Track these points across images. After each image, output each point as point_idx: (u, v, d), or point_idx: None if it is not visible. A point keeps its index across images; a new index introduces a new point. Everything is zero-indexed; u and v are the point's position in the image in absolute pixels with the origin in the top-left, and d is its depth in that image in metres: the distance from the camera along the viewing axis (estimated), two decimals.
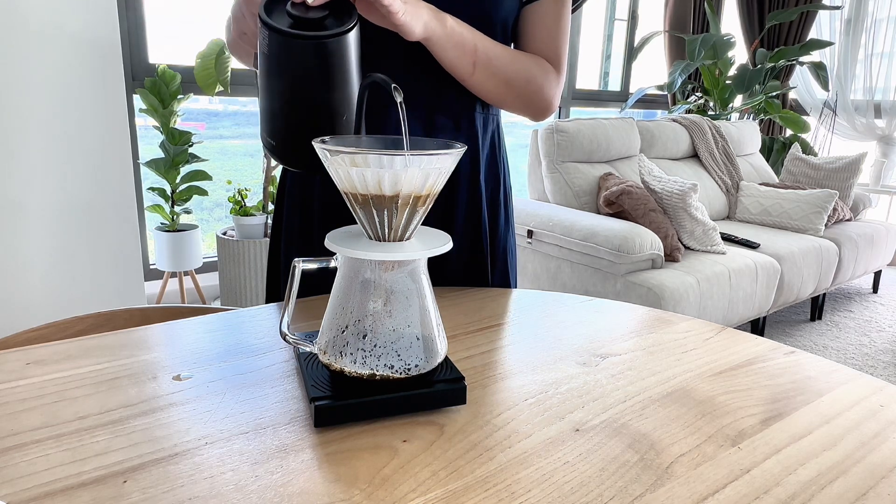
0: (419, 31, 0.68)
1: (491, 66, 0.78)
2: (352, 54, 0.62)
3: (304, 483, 0.43)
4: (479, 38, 0.76)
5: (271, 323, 0.70)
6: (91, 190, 1.72)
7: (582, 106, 3.99)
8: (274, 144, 0.66)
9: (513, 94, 0.82)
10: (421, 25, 0.68)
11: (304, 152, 0.66)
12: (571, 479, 0.45)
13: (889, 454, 0.50)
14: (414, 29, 0.67)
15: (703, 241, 2.53)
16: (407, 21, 0.66)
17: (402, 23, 0.65)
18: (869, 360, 2.65)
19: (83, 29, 1.62)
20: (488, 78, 0.79)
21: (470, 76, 0.78)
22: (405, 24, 0.66)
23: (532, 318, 0.76)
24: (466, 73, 0.78)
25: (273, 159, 0.69)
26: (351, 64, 0.62)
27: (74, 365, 0.58)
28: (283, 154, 0.66)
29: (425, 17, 0.69)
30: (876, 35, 4.39)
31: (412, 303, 0.51)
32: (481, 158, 0.89)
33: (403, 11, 0.64)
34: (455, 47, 0.74)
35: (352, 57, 0.62)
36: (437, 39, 0.72)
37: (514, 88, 0.81)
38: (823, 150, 4.62)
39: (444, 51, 0.74)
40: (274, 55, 0.60)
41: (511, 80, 0.80)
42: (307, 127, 0.63)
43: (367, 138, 0.57)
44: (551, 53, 0.84)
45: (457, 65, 0.76)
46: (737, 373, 0.64)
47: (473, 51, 0.76)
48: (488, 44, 0.77)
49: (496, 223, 0.93)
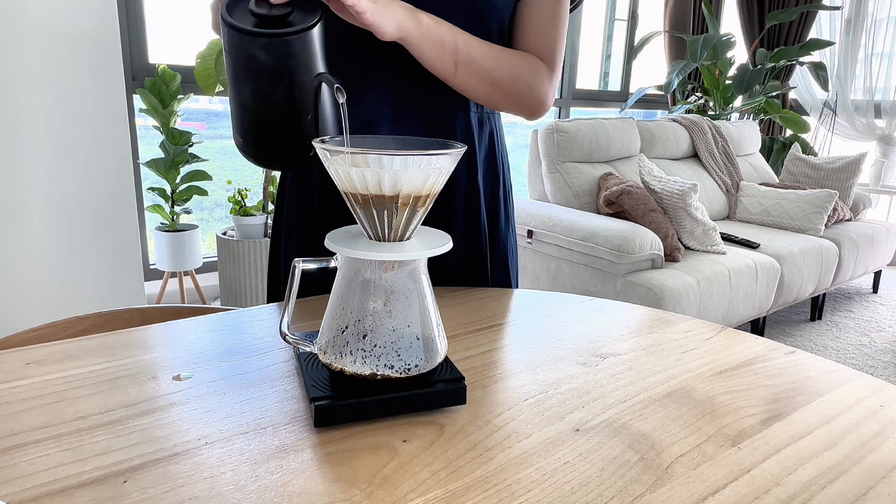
0: (391, 30, 0.67)
1: (474, 65, 0.76)
2: (316, 50, 0.61)
3: (304, 483, 0.43)
4: (460, 37, 0.75)
5: (271, 323, 0.70)
6: (91, 190, 1.72)
7: (582, 106, 3.99)
8: (244, 143, 0.66)
9: (500, 93, 0.80)
10: (393, 25, 0.67)
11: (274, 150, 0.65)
12: (571, 479, 0.45)
13: (889, 454, 0.50)
14: (385, 28, 0.66)
15: (703, 241, 2.53)
16: (377, 21, 0.65)
17: (372, 22, 0.65)
18: (869, 360, 2.65)
19: (83, 29, 1.62)
20: (472, 77, 0.77)
21: (452, 75, 0.77)
22: (375, 23, 0.65)
23: (532, 318, 0.76)
24: (448, 73, 0.76)
25: (246, 159, 0.68)
26: (316, 60, 0.61)
27: (74, 365, 0.58)
28: (254, 153, 0.66)
29: (398, 17, 0.68)
30: (876, 35, 4.39)
31: (412, 303, 0.51)
32: (478, 158, 0.89)
33: (372, 11, 0.64)
34: (434, 46, 0.73)
35: (317, 52, 0.61)
36: (412, 39, 0.71)
37: (500, 87, 0.80)
38: (823, 150, 4.62)
39: (421, 50, 0.73)
40: (237, 54, 0.60)
41: (497, 78, 0.79)
42: (275, 125, 0.63)
43: (368, 138, 0.57)
44: (545, 50, 0.83)
45: (437, 64, 0.75)
46: (737, 373, 0.64)
47: (454, 49, 0.74)
48: (471, 42, 0.76)
49: (496, 223, 0.93)
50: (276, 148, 0.65)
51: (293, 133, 0.63)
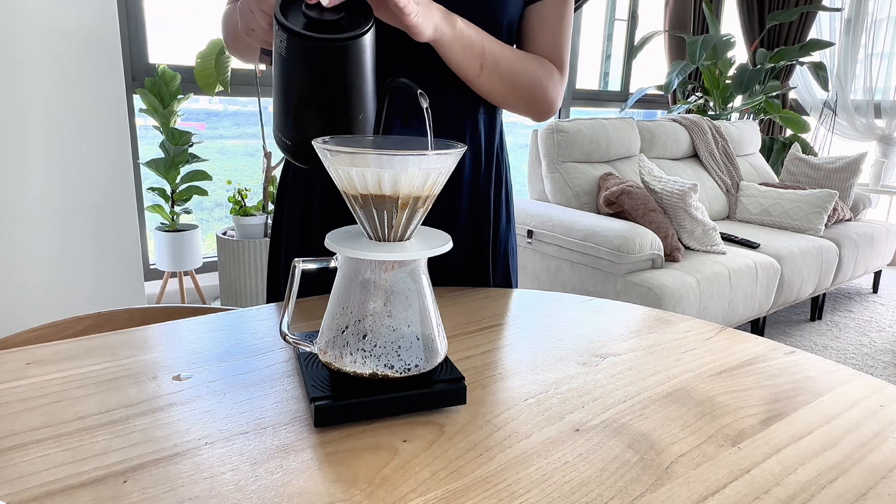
0: (429, 32, 0.68)
1: (498, 68, 0.78)
2: (367, 55, 0.62)
3: (304, 483, 0.43)
4: (486, 40, 0.77)
5: (271, 323, 0.70)
6: (91, 190, 1.72)
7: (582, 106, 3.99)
8: (288, 143, 0.66)
9: (517, 96, 0.82)
10: (431, 27, 0.68)
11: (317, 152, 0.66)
12: (571, 479, 0.45)
13: (889, 454, 0.50)
14: (425, 30, 0.67)
15: (703, 241, 2.53)
16: (419, 22, 0.66)
17: (414, 24, 0.65)
18: (869, 360, 2.65)
19: (83, 29, 1.62)
20: (494, 79, 0.79)
21: (476, 77, 0.78)
22: (416, 25, 0.65)
23: (532, 318, 0.76)
24: (473, 75, 0.78)
25: (287, 158, 0.69)
26: (367, 65, 0.62)
27: (74, 365, 0.58)
28: (296, 153, 0.66)
29: (436, 19, 0.69)
30: (876, 35, 4.39)
31: (412, 303, 0.51)
32: (482, 159, 0.89)
33: (416, 13, 0.64)
34: (463, 49, 0.74)
35: (367, 58, 0.62)
36: (446, 41, 0.72)
37: (518, 90, 0.82)
38: (823, 150, 4.62)
39: (452, 52, 0.74)
40: (289, 56, 0.60)
41: (516, 81, 0.81)
42: (322, 127, 0.63)
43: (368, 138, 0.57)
44: (554, 54, 0.85)
45: (464, 66, 0.76)
46: (737, 373, 0.64)
47: (481, 53, 0.76)
48: (495, 45, 0.78)
49: (498, 223, 0.93)
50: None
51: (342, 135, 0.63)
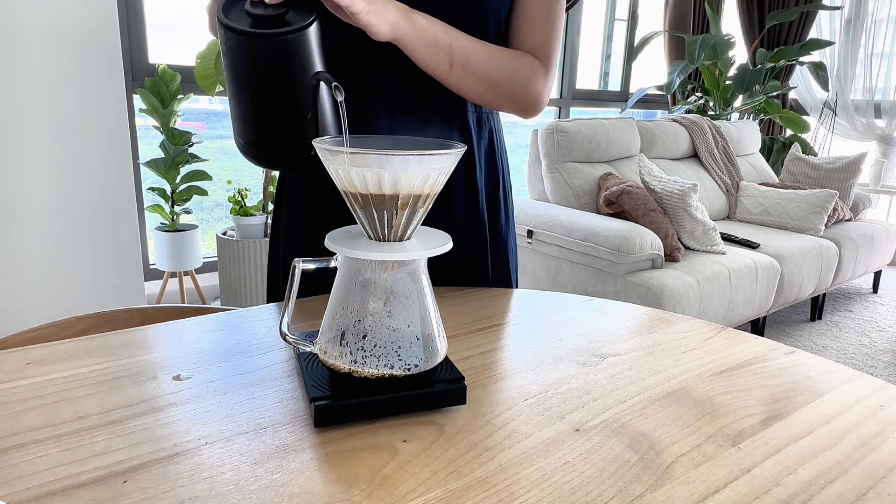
0: (385, 30, 0.67)
1: (468, 65, 0.77)
2: (313, 48, 0.61)
3: (304, 483, 0.43)
4: (455, 37, 0.75)
5: (271, 323, 0.70)
6: (91, 190, 1.72)
7: (582, 106, 3.99)
8: (244, 143, 0.66)
9: (495, 93, 0.80)
10: (388, 25, 0.67)
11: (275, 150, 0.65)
12: (571, 479, 0.45)
13: (889, 454, 0.50)
14: (380, 29, 0.67)
15: (703, 241, 2.53)
16: (371, 21, 0.65)
17: (367, 23, 0.65)
18: (869, 360, 2.65)
19: (83, 29, 1.62)
20: (467, 77, 0.77)
21: (447, 75, 0.77)
22: (369, 24, 0.65)
23: (532, 318, 0.76)
24: (443, 73, 0.76)
25: (248, 160, 0.68)
26: (313, 58, 0.61)
27: (74, 365, 0.58)
28: (255, 154, 0.66)
29: (392, 17, 0.68)
30: (876, 35, 4.39)
31: (412, 303, 0.51)
32: (477, 157, 0.89)
33: (367, 11, 0.64)
34: (428, 47, 0.73)
35: (314, 51, 0.61)
36: (406, 39, 0.71)
37: (495, 87, 0.80)
38: (823, 150, 4.62)
39: (416, 50, 0.73)
40: (235, 55, 0.60)
41: (492, 78, 0.79)
42: (274, 124, 0.63)
43: (367, 138, 0.57)
44: (540, 48, 0.83)
45: (431, 64, 0.75)
46: (737, 373, 0.64)
47: (448, 50, 0.75)
48: (466, 42, 0.76)
49: (496, 222, 0.93)
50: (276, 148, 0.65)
51: (293, 133, 0.63)
